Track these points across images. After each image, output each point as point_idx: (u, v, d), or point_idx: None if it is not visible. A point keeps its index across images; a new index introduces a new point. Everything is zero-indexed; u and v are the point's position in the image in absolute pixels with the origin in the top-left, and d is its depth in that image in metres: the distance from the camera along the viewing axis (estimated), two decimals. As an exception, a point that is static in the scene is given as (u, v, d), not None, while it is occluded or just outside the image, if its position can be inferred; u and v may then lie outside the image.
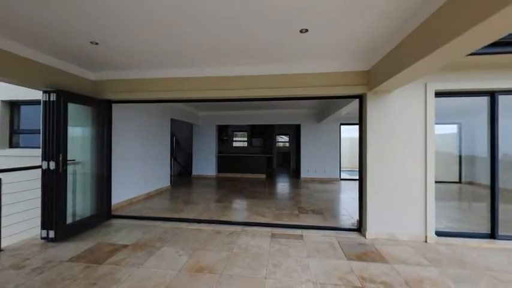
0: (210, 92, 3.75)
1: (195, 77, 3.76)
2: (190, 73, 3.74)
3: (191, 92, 3.79)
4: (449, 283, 2.28)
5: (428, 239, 3.22)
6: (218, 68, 3.64)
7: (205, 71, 3.69)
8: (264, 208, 4.81)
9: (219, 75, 3.70)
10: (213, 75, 3.71)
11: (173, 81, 3.83)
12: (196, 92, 3.78)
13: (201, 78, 3.75)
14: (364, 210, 3.47)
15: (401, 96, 3.35)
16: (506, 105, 3.28)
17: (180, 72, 3.76)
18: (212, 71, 3.68)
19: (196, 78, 3.76)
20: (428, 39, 2.06)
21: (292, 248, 3.03)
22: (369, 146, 3.43)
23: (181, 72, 3.76)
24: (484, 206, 3.37)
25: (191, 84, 3.78)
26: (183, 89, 3.80)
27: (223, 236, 3.40)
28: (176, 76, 3.80)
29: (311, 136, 8.67)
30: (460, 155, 4.24)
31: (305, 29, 2.47)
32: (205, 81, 3.75)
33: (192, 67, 3.64)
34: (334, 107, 6.05)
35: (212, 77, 3.72)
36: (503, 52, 2.70)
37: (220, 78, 3.71)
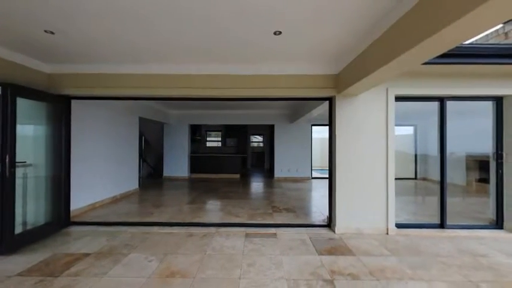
0: (181, 90, 3.62)
1: (166, 74, 3.61)
2: (161, 70, 3.58)
3: (161, 89, 3.63)
4: (406, 270, 2.51)
5: (390, 231, 3.51)
6: (190, 66, 3.53)
7: (176, 68, 3.56)
8: (238, 208, 4.80)
9: (191, 73, 3.59)
10: (184, 73, 3.60)
11: (142, 78, 3.62)
12: (167, 89, 3.63)
13: (172, 75, 3.61)
14: (334, 206, 3.66)
15: (367, 99, 3.60)
16: (453, 110, 3.72)
17: (150, 69, 3.57)
18: (184, 69, 3.56)
19: (167, 75, 3.61)
20: (389, 48, 2.24)
21: (266, 246, 3.07)
22: (337, 146, 3.62)
23: (150, 69, 3.57)
24: (435, 199, 3.78)
25: (161, 82, 3.62)
26: (153, 86, 3.62)
27: (196, 238, 3.32)
28: (145, 72, 3.61)
29: (284, 136, 8.88)
30: (416, 154, 4.70)
31: (279, 31, 2.52)
32: (177, 78, 3.61)
33: (162, 63, 3.49)
34: (306, 108, 6.28)
35: (184, 74, 3.60)
36: (450, 63, 3.05)
37: (192, 76, 3.61)
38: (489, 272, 2.49)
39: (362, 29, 2.47)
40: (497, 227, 3.65)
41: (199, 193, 6.31)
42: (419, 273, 2.47)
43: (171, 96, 3.75)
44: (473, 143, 4.12)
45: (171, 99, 3.92)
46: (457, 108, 3.75)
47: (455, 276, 2.41)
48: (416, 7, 1.85)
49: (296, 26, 2.42)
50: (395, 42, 2.14)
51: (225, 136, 12.68)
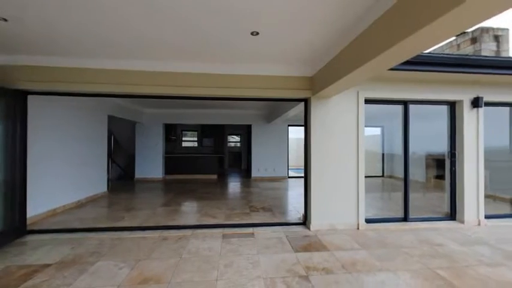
0: (154, 88, 3.47)
1: (138, 70, 3.43)
2: (133, 66, 3.39)
3: (133, 86, 3.44)
4: (375, 262, 2.69)
5: (360, 226, 3.72)
6: (165, 63, 3.40)
7: (149, 65, 3.40)
8: (215, 209, 4.73)
9: (167, 70, 3.46)
10: (159, 70, 3.45)
11: (112, 74, 3.40)
12: (139, 87, 3.45)
13: (145, 72, 3.44)
14: (309, 204, 3.78)
15: (339, 101, 3.78)
16: (415, 113, 4.06)
17: (121, 64, 3.37)
18: (158, 66, 3.42)
19: (139, 72, 3.43)
20: (359, 54, 2.37)
21: (244, 246, 3.07)
22: (312, 146, 3.75)
23: (121, 64, 3.37)
24: (400, 195, 4.09)
25: (134, 78, 3.43)
26: (124, 83, 3.42)
27: (171, 241, 3.20)
28: (116, 68, 3.39)
29: (261, 136, 8.96)
30: (383, 153, 5.06)
31: (256, 31, 2.54)
32: (150, 76, 3.45)
33: (134, 59, 3.31)
34: (283, 109, 6.40)
35: (158, 72, 3.46)
36: (412, 69, 3.32)
37: (167, 74, 3.48)
38: (445, 259, 2.76)
39: (335, 35, 2.59)
40: (451, 218, 4.06)
41: (174, 195, 6.10)
42: (386, 264, 2.65)
43: (143, 94, 3.58)
44: (432, 143, 4.54)
45: (143, 97, 3.75)
46: (418, 111, 4.10)
47: (417, 265, 2.64)
48: (383, 18, 1.99)
49: (273, 27, 2.45)
50: (364, 48, 2.28)
51: (201, 136, 12.42)
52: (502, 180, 4.32)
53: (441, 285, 2.26)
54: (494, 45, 5.63)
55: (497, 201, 4.35)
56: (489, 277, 2.39)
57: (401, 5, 1.77)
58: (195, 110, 8.36)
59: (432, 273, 2.46)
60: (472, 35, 5.84)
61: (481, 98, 3.92)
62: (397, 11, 1.82)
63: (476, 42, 5.72)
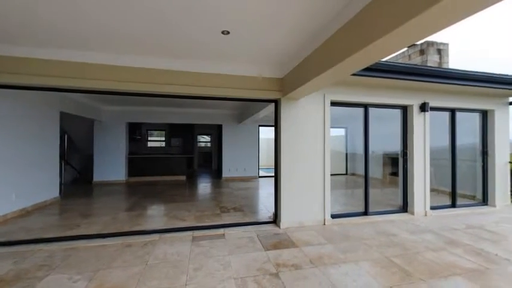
0: (116, 84, 3.21)
1: (97, 63, 3.14)
2: (90, 58, 3.10)
3: (90, 81, 3.14)
4: (339, 255, 2.87)
5: (326, 222, 3.93)
6: (129, 57, 3.18)
7: (111, 58, 3.14)
8: (184, 211, 4.57)
9: (130, 65, 3.23)
10: (121, 64, 3.21)
11: (65, 66, 3.06)
12: (97, 81, 3.16)
13: (105, 66, 3.17)
14: (279, 203, 3.87)
15: (308, 103, 3.95)
16: (374, 115, 4.42)
17: (76, 56, 3.05)
18: (120, 59, 3.18)
19: (97, 66, 3.15)
20: (325, 59, 2.50)
21: (214, 248, 3.02)
22: (282, 146, 3.85)
23: (77, 56, 3.06)
24: (361, 191, 4.43)
25: (90, 72, 3.13)
26: (79, 77, 3.10)
27: (135, 248, 3.00)
28: (72, 60, 3.06)
29: (232, 136, 8.91)
30: (346, 153, 5.42)
31: (227, 31, 2.51)
32: (111, 70, 3.19)
33: (92, 51, 3.03)
34: (253, 109, 6.45)
35: (120, 66, 3.21)
36: (371, 75, 3.62)
37: (130, 69, 3.25)
38: (398, 247, 3.07)
39: (303, 40, 2.69)
40: (403, 210, 4.53)
41: (139, 198, 5.73)
42: (349, 256, 2.85)
43: (100, 89, 3.27)
44: (388, 143, 5.00)
45: (100, 93, 3.42)
46: (377, 114, 4.48)
47: (376, 254, 2.88)
48: (345, 27, 2.13)
49: (244, 28, 2.46)
50: (330, 54, 2.41)
51: (169, 136, 11.87)
52: (443, 176, 4.95)
53: (396, 271, 2.50)
54: (438, 57, 6.44)
55: (440, 194, 4.98)
56: (433, 261, 2.72)
57: (361, 17, 1.92)
58: (162, 108, 7.96)
59: (388, 261, 2.71)
60: (420, 47, 6.58)
61: (427, 103, 4.44)
62: (357, 22, 1.97)
63: (423, 54, 6.47)
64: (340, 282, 2.30)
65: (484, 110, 5.04)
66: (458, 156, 4.90)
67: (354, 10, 1.99)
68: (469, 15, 1.40)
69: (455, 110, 4.86)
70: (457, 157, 4.88)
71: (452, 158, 4.88)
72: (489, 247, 3.09)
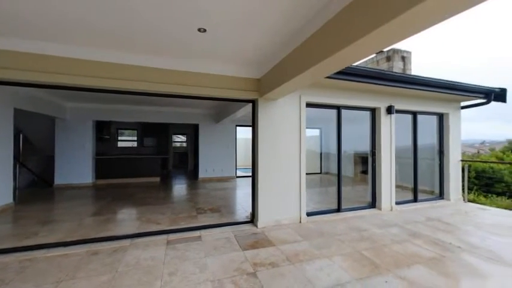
0: (80, 79, 2.97)
1: (63, 56, 2.88)
2: (56, 51, 2.83)
3: (47, 75, 2.86)
4: (314, 251, 2.97)
5: (302, 220, 4.04)
6: (98, 51, 2.96)
7: (79, 51, 2.90)
8: (158, 214, 4.38)
9: (101, 60, 3.02)
10: (90, 59, 2.98)
11: (20, 57, 2.76)
12: (62, 76, 2.89)
13: (72, 59, 2.92)
14: (256, 202, 3.89)
15: (284, 104, 4.02)
16: (346, 117, 4.65)
17: (30, 47, 2.76)
18: (89, 53, 2.95)
19: (64, 59, 2.89)
20: (301, 62, 2.57)
21: (190, 251, 2.94)
22: (260, 146, 3.87)
23: (31, 47, 2.77)
24: (334, 189, 4.63)
25: (49, 65, 2.86)
26: (34, 70, 2.81)
27: (103, 255, 2.81)
28: (25, 51, 2.76)
29: (209, 136, 8.76)
30: (321, 153, 5.64)
31: (203, 28, 2.46)
32: (78, 64, 2.94)
33: (52, 42, 2.77)
34: (231, 109, 6.41)
35: (89, 60, 2.98)
36: (344, 79, 3.80)
37: (100, 64, 3.03)
38: (368, 241, 3.26)
39: (280, 41, 2.74)
40: (372, 206, 4.83)
41: (108, 202, 5.37)
42: (324, 251, 2.96)
43: (60, 84, 2.99)
44: (359, 143, 5.30)
45: (61, 88, 3.12)
46: (349, 116, 4.72)
47: (348, 249, 3.03)
48: (320, 31, 2.21)
49: (221, 26, 2.43)
50: (305, 57, 2.49)
51: (142, 135, 11.30)
52: (406, 173, 5.38)
53: (365, 264, 2.66)
54: (402, 64, 6.98)
55: (403, 190, 5.39)
56: (398, 252, 2.94)
57: (335, 22, 2.00)
58: (134, 106, 7.54)
59: (359, 255, 2.87)
60: (387, 54, 7.08)
61: (393, 106, 4.79)
62: (332, 27, 2.06)
63: (390, 61, 6.97)
64: (315, 278, 2.39)
65: (441, 113, 5.57)
66: (419, 155, 5.35)
67: (328, 15, 2.08)
68: (435, 23, 1.50)
69: (416, 112, 5.30)
70: (418, 156, 5.33)
71: (414, 156, 5.32)
72: (445, 237, 3.42)
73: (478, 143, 40.93)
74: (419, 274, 2.46)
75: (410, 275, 2.44)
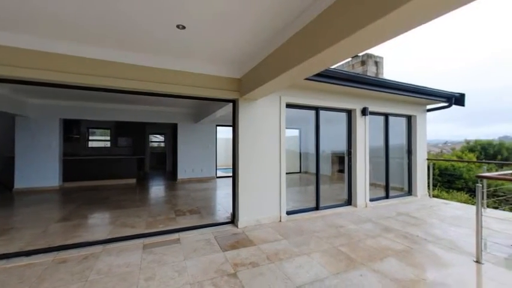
0: (44, 73, 2.74)
1: (25, 48, 2.63)
2: (13, 41, 2.58)
3: (15, 69, 2.61)
4: (294, 249, 3.03)
5: (282, 219, 4.10)
6: (68, 44, 2.75)
7: (39, 42, 2.67)
8: (133, 218, 4.18)
9: (72, 54, 2.80)
10: (57, 52, 2.75)
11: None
12: (17, 69, 2.65)
13: (28, 51, 2.67)
14: (237, 203, 3.88)
15: (265, 104, 4.06)
16: (324, 118, 4.81)
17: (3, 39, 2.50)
18: (57, 47, 2.73)
19: (26, 51, 2.64)
20: (281, 63, 2.61)
21: (168, 254, 2.85)
22: (240, 146, 3.87)
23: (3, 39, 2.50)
24: (313, 188, 4.76)
25: (14, 58, 2.60)
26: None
27: (72, 264, 2.62)
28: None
29: (188, 136, 8.56)
30: (300, 152, 5.77)
31: (182, 25, 2.40)
32: (44, 57, 2.71)
33: (23, 34, 2.52)
34: (211, 108, 6.32)
35: (57, 53, 2.76)
36: (322, 81, 3.93)
37: (70, 58, 2.81)
38: (344, 237, 3.41)
39: (261, 42, 2.76)
40: (348, 204, 5.04)
41: (77, 206, 5.01)
42: (303, 249, 3.04)
43: (20, 78, 2.75)
44: (336, 143, 5.50)
45: (20, 83, 2.86)
46: (327, 117, 4.88)
47: (326, 245, 3.14)
48: (298, 34, 2.26)
49: (201, 24, 2.38)
50: (285, 59, 2.53)
51: (116, 135, 10.70)
52: (379, 172, 5.70)
53: (342, 259, 2.77)
54: (375, 68, 7.39)
55: (376, 188, 5.71)
56: (372, 246, 3.11)
57: (314, 26, 2.06)
58: (107, 104, 7.12)
59: (336, 251, 2.98)
60: (361, 58, 7.45)
61: (367, 108, 5.04)
62: (311, 30, 2.11)
63: (364, 65, 7.34)
64: (295, 275, 2.44)
65: (409, 115, 5.98)
66: (390, 154, 5.70)
67: (308, 19, 2.13)
68: (409, 29, 1.59)
69: (388, 114, 5.64)
70: (389, 155, 5.67)
71: (386, 156, 5.65)
72: (413, 230, 3.68)
73: (441, 143, 44.58)
74: (391, 266, 2.62)
75: (382, 267, 2.59)
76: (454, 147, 21.31)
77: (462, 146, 18.27)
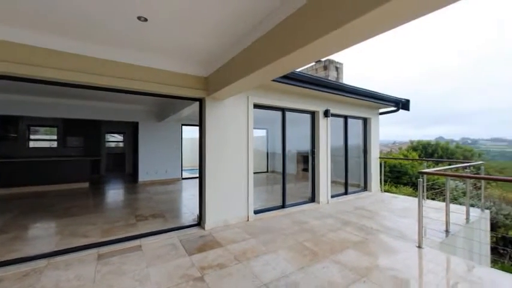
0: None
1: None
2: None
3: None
4: (261, 247, 3.08)
5: (250, 218, 4.13)
6: (12, 31, 2.35)
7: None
8: (86, 226, 3.78)
9: (18, 41, 2.40)
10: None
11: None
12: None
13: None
14: (204, 204, 3.78)
15: (232, 104, 4.04)
16: (290, 119, 4.98)
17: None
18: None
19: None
20: (247, 64, 2.63)
21: (128, 263, 2.65)
22: (207, 146, 3.78)
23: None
24: (279, 187, 4.90)
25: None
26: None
27: (9, 283, 2.26)
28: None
29: (151, 135, 8.06)
30: (267, 152, 5.89)
31: (144, 17, 2.25)
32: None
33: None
34: (176, 107, 6.06)
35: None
36: (288, 83, 4.07)
37: (12, 45, 2.42)
38: (309, 233, 3.58)
39: (228, 40, 2.74)
40: (312, 201, 5.31)
41: (15, 216, 4.33)
42: (270, 247, 3.10)
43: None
44: (301, 143, 5.75)
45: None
46: (292, 117, 5.07)
47: (291, 242, 3.26)
48: (267, 35, 2.30)
49: (164, 17, 2.27)
50: (252, 60, 2.55)
51: (64, 134, 9.52)
52: (339, 170, 6.13)
53: (307, 253, 2.91)
54: (336, 73, 7.93)
55: (337, 185, 6.12)
56: (333, 240, 3.33)
57: (280, 30, 2.12)
58: (53, 98, 6.29)
59: (301, 246, 3.12)
60: (324, 63, 7.91)
61: (329, 110, 5.38)
62: (277, 34, 2.17)
63: (326, 69, 7.81)
64: (262, 272, 2.48)
65: (365, 117, 6.56)
66: (349, 153, 6.18)
67: (274, 22, 2.18)
68: (370, 37, 1.72)
69: (347, 116, 6.10)
70: (348, 155, 6.14)
71: (345, 155, 6.10)
72: (367, 222, 4.04)
73: (390, 143, 49.86)
74: (349, 256, 2.84)
75: (342, 258, 2.79)
76: (401, 146, 24.05)
77: (407, 146, 20.76)
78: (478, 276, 2.45)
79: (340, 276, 2.43)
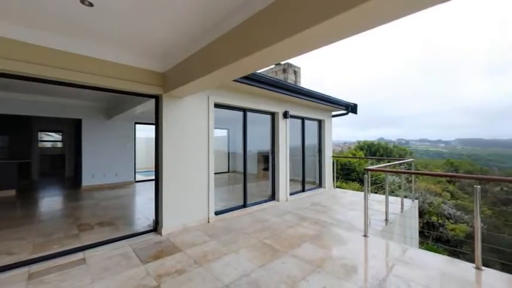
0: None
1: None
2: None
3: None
4: (222, 248, 3.04)
5: (210, 220, 4.04)
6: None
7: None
8: (13, 241, 3.18)
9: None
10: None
11: None
12: None
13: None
14: (160, 207, 3.55)
15: (192, 102, 3.89)
16: (251, 119, 5.04)
17: None
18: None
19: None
20: (207, 63, 2.56)
21: (68, 280, 2.32)
22: (165, 146, 3.56)
23: None
24: (241, 186, 4.92)
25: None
26: None
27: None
28: None
29: (98, 135, 7.21)
30: (228, 152, 5.85)
31: (88, 1, 2.00)
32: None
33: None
34: (129, 104, 5.55)
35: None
36: (249, 84, 4.10)
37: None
38: (269, 230, 3.68)
39: (187, 36, 2.62)
40: (272, 199, 5.47)
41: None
42: (231, 247, 3.08)
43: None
44: (261, 143, 5.87)
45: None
46: (253, 118, 5.14)
47: (252, 240, 3.30)
48: (227, 35, 2.28)
49: (112, 4, 2.05)
50: (213, 58, 2.49)
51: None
52: (297, 168, 6.46)
53: (267, 251, 2.98)
54: (294, 77, 8.34)
55: (295, 183, 6.44)
56: (292, 235, 3.49)
57: (240, 31, 2.13)
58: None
59: (262, 244, 3.18)
60: (283, 66, 8.24)
61: (288, 111, 5.62)
62: (237, 34, 2.17)
63: (285, 72, 8.15)
64: (223, 274, 2.45)
65: (320, 119, 7.05)
66: (306, 153, 6.56)
67: (236, 21, 2.17)
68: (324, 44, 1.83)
69: (304, 118, 6.47)
70: (305, 154, 6.51)
71: (302, 154, 6.46)
72: (322, 217, 4.36)
73: (341, 143, 54.69)
74: (306, 250, 3.01)
75: (300, 252, 2.95)
76: (350, 146, 26.64)
77: (355, 146, 23.10)
78: (409, 257, 2.87)
79: (298, 269, 2.56)
